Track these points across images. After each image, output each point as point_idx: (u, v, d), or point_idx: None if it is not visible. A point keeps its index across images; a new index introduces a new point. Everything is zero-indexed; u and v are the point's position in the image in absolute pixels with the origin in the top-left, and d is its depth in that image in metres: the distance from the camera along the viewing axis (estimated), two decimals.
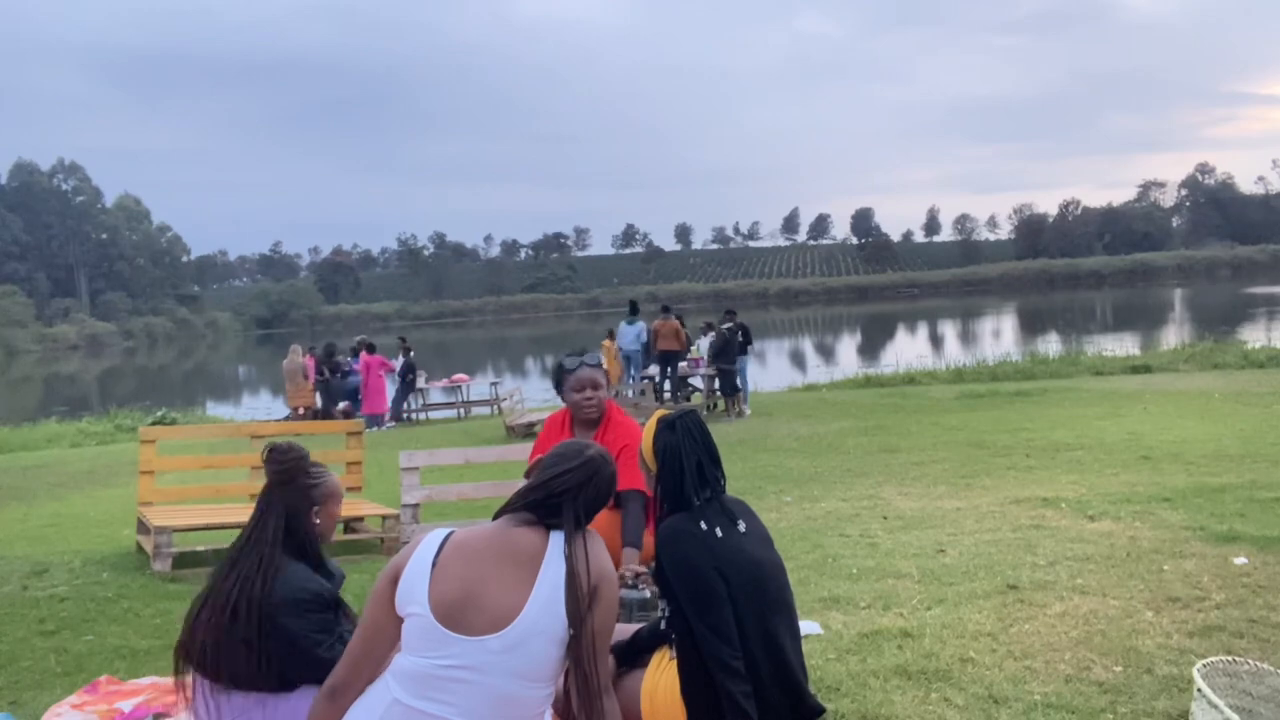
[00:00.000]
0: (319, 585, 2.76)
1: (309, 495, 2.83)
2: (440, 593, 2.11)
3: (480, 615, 2.09)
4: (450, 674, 2.07)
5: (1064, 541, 5.42)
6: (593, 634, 2.17)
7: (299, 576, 2.74)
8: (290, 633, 2.65)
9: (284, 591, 2.69)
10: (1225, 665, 2.81)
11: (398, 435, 15.73)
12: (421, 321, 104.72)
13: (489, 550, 2.19)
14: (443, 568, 2.16)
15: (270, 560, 2.75)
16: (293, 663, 2.67)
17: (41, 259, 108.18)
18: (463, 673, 2.06)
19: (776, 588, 2.79)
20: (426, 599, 2.11)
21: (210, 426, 16.60)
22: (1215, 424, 10.38)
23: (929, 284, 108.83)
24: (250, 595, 2.67)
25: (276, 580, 2.70)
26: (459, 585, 2.12)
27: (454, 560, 2.17)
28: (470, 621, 2.09)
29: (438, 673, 2.07)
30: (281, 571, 2.73)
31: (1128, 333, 34.81)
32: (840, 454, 10.01)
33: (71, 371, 60.72)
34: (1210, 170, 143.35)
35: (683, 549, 2.67)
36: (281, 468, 2.82)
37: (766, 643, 2.69)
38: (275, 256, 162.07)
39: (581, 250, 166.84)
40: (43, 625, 4.97)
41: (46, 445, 18.34)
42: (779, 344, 45.00)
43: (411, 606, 2.13)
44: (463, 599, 2.11)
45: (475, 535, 2.25)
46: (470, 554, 2.18)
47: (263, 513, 2.81)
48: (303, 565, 2.79)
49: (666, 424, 2.92)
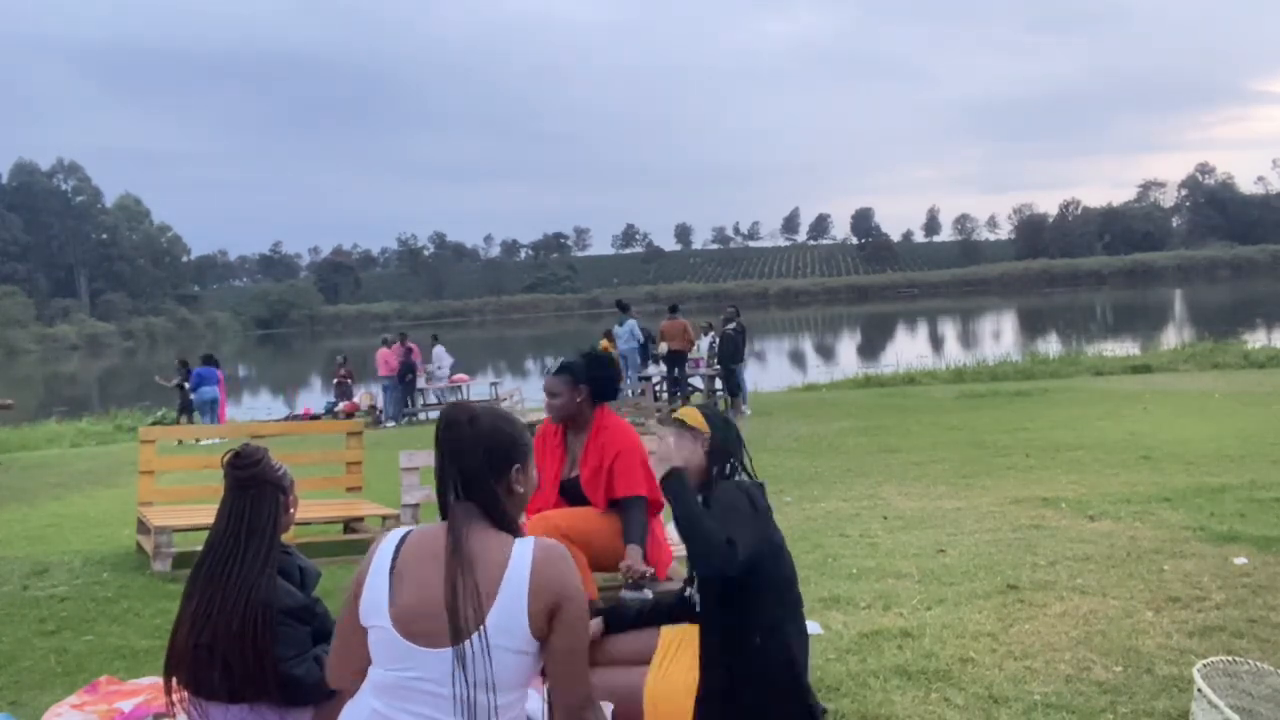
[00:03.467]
0: (296, 599, 2.70)
1: (280, 485, 2.75)
2: (400, 605, 2.05)
3: (440, 626, 2.02)
4: (419, 685, 2.03)
5: (1064, 541, 5.42)
6: (555, 656, 2.07)
7: (266, 589, 2.65)
8: (256, 649, 2.58)
9: (254, 602, 2.61)
10: (1225, 665, 2.81)
11: (397, 435, 15.73)
12: (421, 321, 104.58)
13: (445, 554, 2.08)
14: (401, 577, 2.08)
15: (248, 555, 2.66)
16: (259, 678, 2.60)
17: (41, 259, 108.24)
18: (428, 684, 2.02)
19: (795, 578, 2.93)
20: (387, 611, 2.05)
21: (210, 427, 16.61)
22: (1215, 424, 10.38)
23: (929, 284, 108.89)
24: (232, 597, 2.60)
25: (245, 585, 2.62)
26: (418, 596, 2.05)
27: (412, 568, 2.09)
28: (430, 632, 2.02)
29: (406, 684, 2.04)
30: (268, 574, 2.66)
31: (1128, 333, 34.83)
32: (840, 454, 10.01)
33: (71, 371, 60.74)
34: (1210, 170, 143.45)
35: (743, 499, 2.79)
36: (256, 468, 2.73)
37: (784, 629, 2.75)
38: (275, 256, 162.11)
39: (581, 250, 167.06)
40: (43, 625, 4.97)
41: (46, 445, 18.35)
42: (779, 344, 44.97)
43: (373, 619, 2.07)
44: (422, 607, 2.04)
45: (434, 537, 2.13)
46: (429, 559, 2.09)
47: (238, 518, 2.70)
48: (270, 576, 2.69)
49: (711, 408, 3.17)
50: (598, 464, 3.99)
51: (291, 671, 2.62)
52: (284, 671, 2.61)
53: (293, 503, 2.82)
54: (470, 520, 2.10)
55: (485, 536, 2.10)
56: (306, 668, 2.65)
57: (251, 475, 2.72)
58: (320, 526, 7.01)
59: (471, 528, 2.09)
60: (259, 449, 2.79)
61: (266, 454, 2.78)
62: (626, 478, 3.93)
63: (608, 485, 3.96)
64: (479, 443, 2.14)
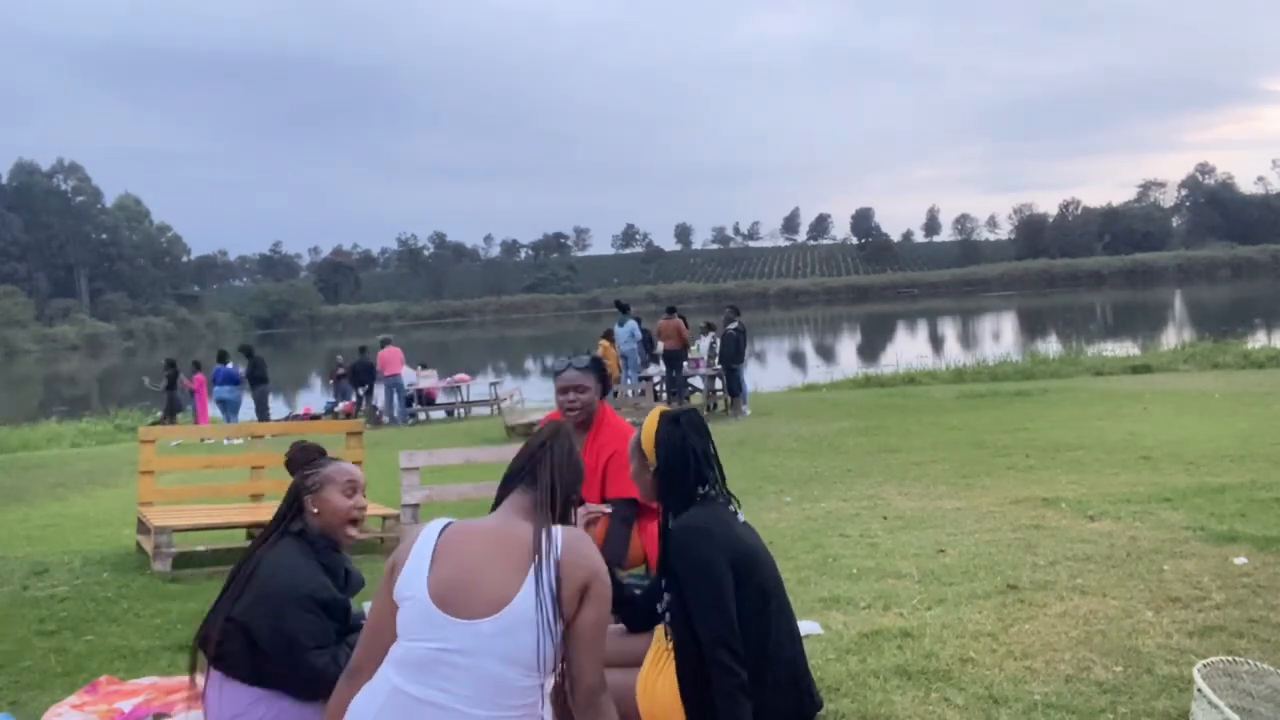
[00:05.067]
0: (317, 586, 2.75)
1: (304, 485, 2.89)
2: (437, 576, 2.17)
3: (474, 598, 2.13)
4: (444, 657, 2.10)
5: (1064, 541, 5.42)
6: (582, 631, 2.19)
7: (302, 573, 2.75)
8: (281, 628, 2.66)
9: (283, 583, 2.70)
10: (1225, 665, 2.81)
11: (397, 435, 15.73)
12: (421, 321, 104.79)
13: (488, 537, 2.25)
14: (441, 554, 2.21)
15: (268, 539, 2.84)
16: (279, 659, 2.67)
17: (41, 259, 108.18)
18: (456, 656, 2.10)
19: (774, 582, 2.80)
20: (425, 584, 2.16)
21: (210, 427, 16.63)
22: (1215, 424, 10.38)
23: (929, 284, 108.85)
24: (250, 575, 2.74)
25: (276, 565, 2.74)
26: (455, 568, 2.17)
27: (452, 546, 2.22)
28: (464, 604, 2.13)
29: (432, 656, 2.10)
30: (280, 554, 2.76)
31: (1127, 333, 34.83)
32: (840, 454, 10.01)
33: (71, 371, 60.74)
34: (1210, 170, 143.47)
35: (698, 549, 2.65)
36: (289, 459, 2.97)
37: (763, 636, 2.69)
38: (275, 256, 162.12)
39: (581, 250, 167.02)
40: (43, 625, 4.97)
41: (47, 445, 18.37)
42: (779, 344, 44.99)
43: (408, 591, 2.18)
44: (459, 581, 2.15)
45: (475, 524, 2.31)
46: (468, 541, 2.24)
47: (281, 505, 2.93)
48: (309, 562, 2.79)
49: (670, 418, 2.91)
50: (593, 463, 3.97)
51: (311, 661, 2.67)
52: (302, 659, 2.65)
53: (323, 498, 2.89)
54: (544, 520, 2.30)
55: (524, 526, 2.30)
56: (325, 661, 2.68)
57: (289, 461, 2.97)
58: None
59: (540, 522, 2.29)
60: (302, 449, 2.99)
61: (302, 453, 2.97)
62: (617, 480, 3.89)
63: (601, 485, 3.95)
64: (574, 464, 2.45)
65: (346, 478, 2.93)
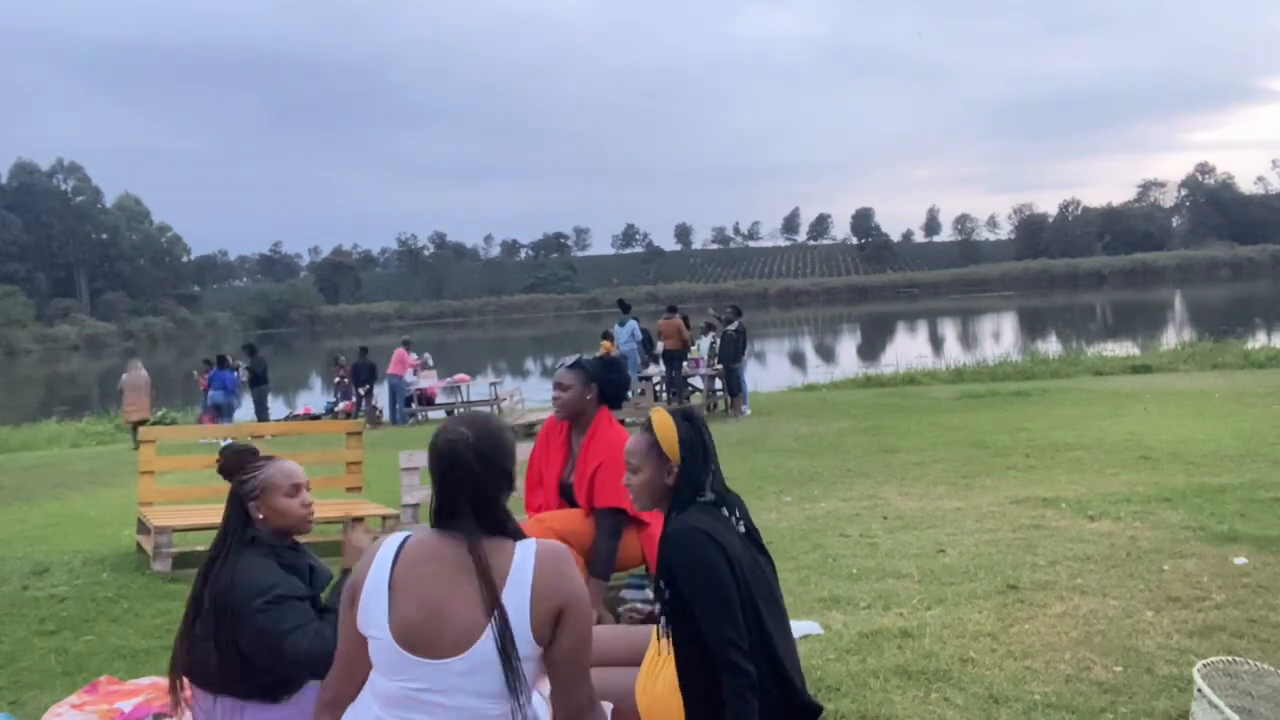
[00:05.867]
0: (274, 579, 2.70)
1: (244, 491, 2.83)
2: (399, 615, 2.04)
3: (440, 638, 2.01)
4: (420, 695, 2.03)
5: (1064, 541, 5.42)
6: (560, 658, 2.07)
7: (257, 571, 2.70)
8: (254, 629, 2.63)
9: (243, 588, 2.66)
10: (1225, 665, 2.81)
11: (397, 435, 15.73)
12: (421, 321, 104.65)
13: (448, 565, 2.08)
14: (400, 587, 2.06)
15: (220, 552, 2.77)
16: (262, 657, 2.65)
17: (41, 259, 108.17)
18: (431, 695, 2.02)
19: (769, 585, 2.80)
20: (386, 622, 2.04)
21: (210, 427, 16.61)
22: (1215, 424, 10.37)
23: (929, 284, 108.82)
24: (211, 590, 2.71)
25: (234, 574, 2.69)
26: (418, 606, 2.04)
27: (411, 577, 2.07)
28: (431, 645, 2.02)
29: (408, 694, 2.04)
30: (237, 564, 2.72)
31: (1127, 333, 34.83)
32: (840, 454, 10.00)
33: (72, 371, 60.75)
34: (1210, 170, 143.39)
35: (699, 549, 2.62)
36: (221, 466, 2.90)
37: (763, 638, 2.68)
38: (275, 256, 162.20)
39: (581, 250, 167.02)
40: (43, 625, 4.98)
41: (47, 445, 18.37)
42: (779, 344, 44.98)
43: (372, 630, 2.07)
44: (422, 621, 2.03)
45: (433, 547, 2.12)
46: (428, 569, 2.08)
47: (226, 513, 2.85)
48: (266, 561, 2.74)
49: (683, 415, 2.86)
50: (585, 469, 3.97)
51: (297, 644, 2.62)
52: (281, 647, 2.63)
53: (267, 502, 2.83)
54: (477, 535, 2.10)
55: (491, 545, 2.11)
56: (309, 639, 2.64)
57: (222, 470, 2.91)
58: (320, 527, 6.99)
59: (481, 541, 2.09)
60: (235, 453, 2.92)
61: (235, 458, 2.90)
62: (605, 489, 3.87)
63: (590, 492, 3.94)
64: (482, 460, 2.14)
65: (289, 480, 2.82)
